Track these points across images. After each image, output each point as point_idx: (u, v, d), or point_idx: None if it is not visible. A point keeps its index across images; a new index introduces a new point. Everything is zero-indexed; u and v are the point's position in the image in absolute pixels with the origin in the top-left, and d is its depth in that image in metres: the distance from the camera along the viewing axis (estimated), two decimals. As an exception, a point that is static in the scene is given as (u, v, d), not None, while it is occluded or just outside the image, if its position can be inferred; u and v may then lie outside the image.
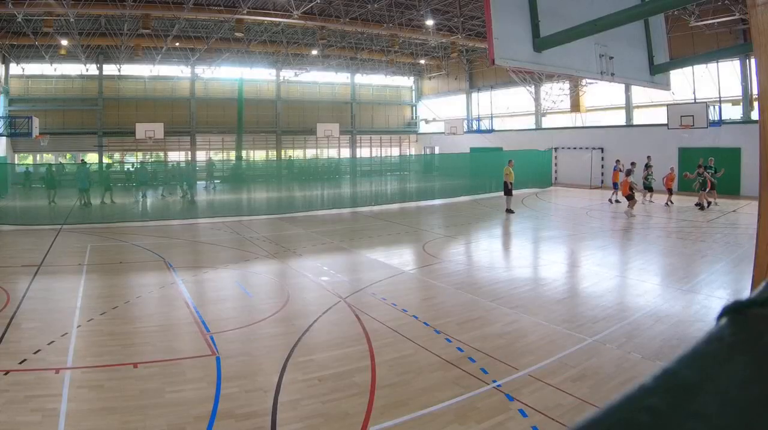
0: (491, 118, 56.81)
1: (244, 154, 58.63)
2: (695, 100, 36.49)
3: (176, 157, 58.29)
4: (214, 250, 20.83)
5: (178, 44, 50.22)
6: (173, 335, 11.48)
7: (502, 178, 30.76)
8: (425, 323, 11.92)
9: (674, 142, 38.15)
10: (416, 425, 7.63)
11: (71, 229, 25.52)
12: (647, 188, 32.12)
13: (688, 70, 36.10)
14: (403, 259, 19.33)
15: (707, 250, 19.70)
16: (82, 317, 12.33)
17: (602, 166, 44.44)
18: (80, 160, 47.89)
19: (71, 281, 15.90)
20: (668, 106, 37.06)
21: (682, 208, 29.71)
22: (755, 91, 18.64)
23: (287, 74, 61.29)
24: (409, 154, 68.06)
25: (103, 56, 54.25)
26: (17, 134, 43.14)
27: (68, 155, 54.84)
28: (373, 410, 8.02)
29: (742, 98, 36.10)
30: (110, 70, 55.70)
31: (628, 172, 27.57)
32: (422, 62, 60.62)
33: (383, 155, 66.40)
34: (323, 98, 65.61)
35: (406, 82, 70.33)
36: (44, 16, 36.23)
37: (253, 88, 60.59)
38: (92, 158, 53.84)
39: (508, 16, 7.42)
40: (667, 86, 10.73)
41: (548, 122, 52.12)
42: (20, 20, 36.03)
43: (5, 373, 9.15)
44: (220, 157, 59.69)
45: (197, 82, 59.32)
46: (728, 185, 31.57)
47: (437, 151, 63.04)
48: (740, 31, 33.74)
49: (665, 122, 37.39)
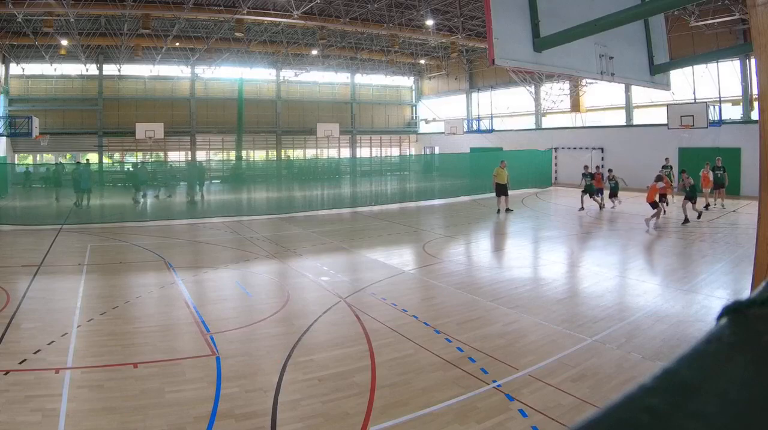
0: (491, 118, 56.81)
1: (244, 154, 58.63)
2: (695, 100, 36.44)
3: (176, 157, 58.44)
4: (214, 250, 20.83)
5: (178, 44, 50.30)
6: (173, 335, 11.48)
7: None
8: (425, 323, 11.93)
9: (674, 142, 38.09)
10: (416, 425, 7.64)
11: (71, 229, 25.52)
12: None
13: (688, 70, 36.09)
14: (403, 259, 19.31)
15: (707, 250, 19.70)
16: (82, 317, 12.33)
17: (602, 166, 43.98)
18: (81, 160, 47.95)
19: (71, 281, 15.90)
20: (668, 106, 37.06)
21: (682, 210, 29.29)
22: (755, 91, 18.63)
23: (287, 74, 61.26)
24: (409, 154, 68.02)
25: (103, 56, 54.24)
26: (17, 134, 43.08)
27: (68, 155, 54.80)
28: (373, 410, 8.03)
29: (742, 98, 36.09)
30: (110, 70, 55.69)
31: (658, 177, 24.64)
32: (422, 62, 60.71)
33: (383, 155, 66.47)
34: (323, 98, 65.54)
35: (406, 82, 70.30)
36: (44, 16, 36.25)
37: (253, 88, 60.52)
38: (92, 158, 53.90)
39: (508, 16, 7.43)
40: (667, 86, 10.73)
41: (548, 122, 52.21)
42: (20, 20, 36.05)
43: (5, 373, 9.15)
44: (220, 157, 59.87)
45: (197, 82, 59.29)
46: (728, 185, 31.37)
47: (437, 151, 62.99)
48: (740, 31, 33.80)
49: (665, 122, 37.41)
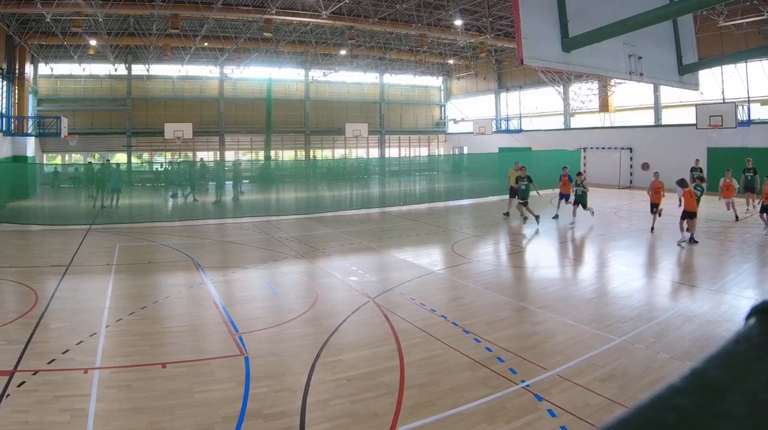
0: (520, 118, 56.87)
1: (272, 154, 58.64)
2: (724, 100, 36.24)
3: (205, 157, 58.54)
4: (242, 250, 20.86)
5: (206, 44, 50.50)
6: (202, 335, 11.53)
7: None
8: (454, 323, 11.92)
9: (703, 142, 37.76)
10: (445, 425, 7.63)
11: (99, 229, 25.68)
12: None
13: (716, 70, 35.79)
14: (431, 259, 19.30)
15: (736, 250, 19.62)
16: (110, 317, 12.40)
17: (631, 166, 44.32)
18: (110, 160, 48.23)
19: (100, 281, 15.97)
20: (697, 106, 36.82)
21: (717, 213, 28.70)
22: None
23: (316, 74, 61.42)
24: (437, 154, 67.96)
25: (131, 56, 54.61)
26: (46, 134, 43.55)
27: (97, 155, 55.11)
28: (401, 410, 8.03)
29: (771, 98, 35.70)
30: (139, 70, 56.04)
31: (683, 182, 20.76)
32: (451, 62, 60.32)
33: (412, 155, 66.33)
34: (352, 98, 65.55)
35: (434, 82, 70.06)
36: (73, 16, 36.50)
37: (281, 88, 60.61)
38: (120, 158, 54.20)
39: (536, 15, 7.39)
40: (695, 86, 10.64)
41: (577, 122, 51.99)
42: (49, 20, 36.33)
43: (34, 373, 9.21)
44: (248, 157, 59.99)
45: (226, 82, 59.51)
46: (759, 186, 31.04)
47: (466, 151, 62.78)
48: (769, 31, 33.46)
49: (694, 122, 37.17)
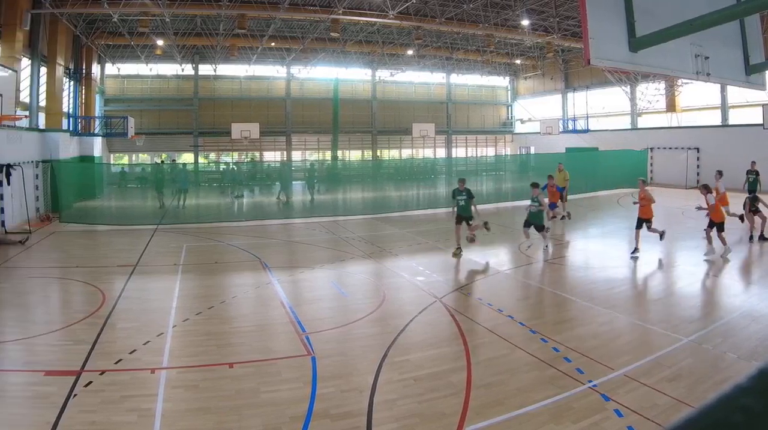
0: (587, 118, 56.33)
1: (339, 154, 58.78)
2: (791, 100, 35.47)
3: (272, 157, 59.37)
4: (309, 250, 20.97)
5: (273, 44, 51.01)
6: (269, 335, 11.66)
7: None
8: (521, 323, 11.96)
9: (771, 142, 37.01)
10: (512, 425, 7.65)
11: (166, 229, 26.07)
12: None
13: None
14: (498, 259, 19.27)
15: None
16: (177, 317, 12.62)
17: (698, 166, 43.55)
18: (173, 160, 48.95)
19: (167, 281, 16.26)
20: (764, 106, 36.20)
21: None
22: None
23: (383, 74, 61.68)
24: (504, 154, 67.55)
25: (198, 56, 55.58)
26: (113, 134, 44.29)
27: (164, 155, 55.88)
28: (468, 410, 8.03)
29: (841, 98, 34.88)
30: (206, 70, 56.94)
31: (705, 188, 18.69)
32: (518, 62, 60.00)
33: (478, 155, 65.97)
34: (419, 98, 65.51)
35: (501, 82, 69.77)
36: (140, 16, 37.21)
37: (348, 88, 60.81)
38: (187, 158, 54.88)
39: (603, 15, 7.34)
40: (762, 86, 10.47)
41: (644, 122, 51.42)
42: (116, 20, 36.93)
43: (101, 373, 9.37)
44: (315, 157, 60.39)
45: (293, 82, 60.05)
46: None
47: (533, 151, 62.40)
48: (840, 29, 32.68)
49: (761, 122, 36.47)
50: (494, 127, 69.69)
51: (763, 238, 20.73)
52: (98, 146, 44.05)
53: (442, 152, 67.02)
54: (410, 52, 53.75)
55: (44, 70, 34.32)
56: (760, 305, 12.83)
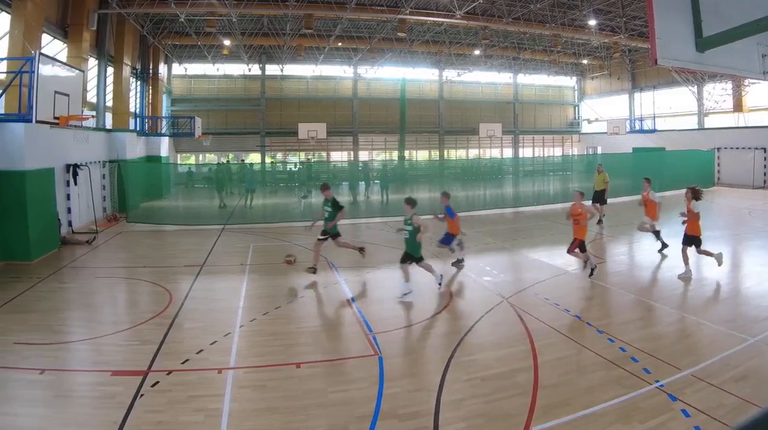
0: (653, 118, 56.06)
1: (406, 154, 59.09)
2: None
3: (338, 157, 59.88)
4: (376, 249, 20.91)
5: (340, 44, 51.39)
6: (336, 335, 11.79)
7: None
8: (588, 323, 11.94)
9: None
10: (579, 425, 7.65)
11: (233, 229, 26.33)
12: None
13: None
14: (565, 259, 18.75)
15: None
16: (244, 317, 12.73)
17: (765, 166, 42.95)
18: (241, 160, 49.42)
19: (234, 281, 16.43)
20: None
21: None
22: None
23: (450, 74, 61.63)
24: (571, 154, 67.32)
25: (265, 56, 56.41)
26: (180, 134, 45.14)
27: (230, 155, 56.60)
28: (535, 410, 8.03)
29: None
30: (273, 70, 57.71)
31: (695, 192, 16.20)
32: (585, 62, 59.76)
33: (545, 155, 65.75)
34: (486, 98, 65.47)
35: (568, 82, 69.50)
36: (207, 16, 37.70)
37: (415, 88, 61.07)
38: (254, 158, 55.44)
39: (670, 15, 7.28)
40: (830, 88, 10.30)
41: (710, 122, 50.86)
42: (182, 20, 37.61)
43: (168, 373, 9.51)
44: (382, 157, 60.60)
45: (360, 81, 60.47)
46: None
47: (600, 151, 61.90)
48: None
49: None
50: (561, 127, 69.43)
51: None
52: (165, 146, 44.64)
53: (508, 152, 66.87)
54: (477, 52, 53.59)
55: (111, 70, 35.08)
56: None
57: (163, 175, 39.66)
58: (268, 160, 57.76)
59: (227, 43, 47.24)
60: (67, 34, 28.04)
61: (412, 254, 14.74)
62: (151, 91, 45.50)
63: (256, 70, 57.57)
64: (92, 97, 32.76)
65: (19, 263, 18.28)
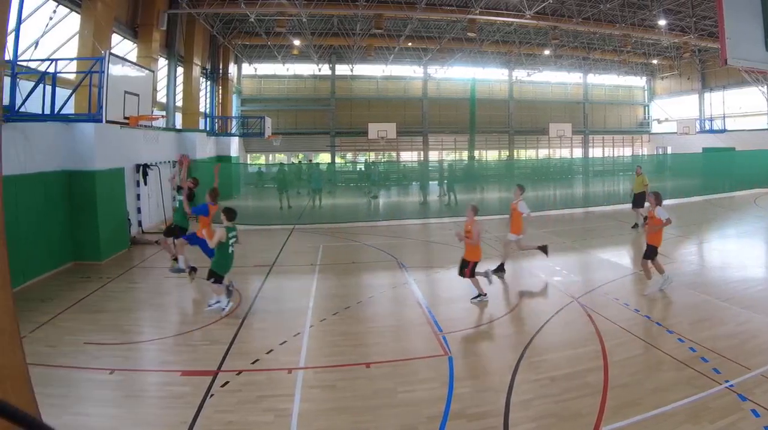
0: (723, 118, 55.52)
1: (476, 154, 59.05)
2: None
3: (408, 157, 60.14)
4: (446, 250, 20.87)
5: (410, 44, 51.36)
6: (405, 335, 11.78)
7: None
8: (657, 323, 11.90)
9: None
10: (648, 426, 7.61)
11: (303, 229, 26.49)
12: None
13: None
14: (635, 259, 18.87)
15: None
16: (314, 317, 12.81)
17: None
18: (309, 160, 49.77)
19: (303, 281, 16.53)
20: None
21: None
22: None
23: (519, 74, 61.49)
24: (641, 154, 66.52)
25: (335, 56, 56.71)
26: (249, 134, 45.50)
27: (300, 156, 57.22)
28: (605, 410, 8.01)
29: None
30: (342, 70, 58.02)
31: (657, 197, 14.66)
32: (654, 62, 59.01)
33: (615, 155, 65.18)
34: (555, 98, 65.05)
35: (638, 82, 68.65)
36: (276, 16, 37.98)
37: (485, 88, 60.85)
38: (324, 158, 55.84)
39: (740, 16, 7.25)
40: None
41: (781, 122, 49.94)
42: (252, 20, 37.85)
43: (238, 373, 9.63)
44: (452, 157, 60.71)
45: (429, 82, 60.44)
46: None
47: (669, 151, 61.56)
48: None
49: None
50: (631, 127, 68.63)
51: None
52: (235, 146, 45.07)
53: (578, 152, 66.55)
54: (547, 52, 53.21)
55: (181, 70, 35.67)
56: None
57: (233, 175, 39.92)
58: (338, 160, 58.17)
59: (297, 43, 47.57)
60: (136, 34, 28.48)
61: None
62: (220, 91, 46.12)
63: (325, 70, 57.96)
64: (162, 97, 33.26)
65: (89, 263, 18.61)
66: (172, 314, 13.57)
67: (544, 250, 17.38)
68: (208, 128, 39.97)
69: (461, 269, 14.21)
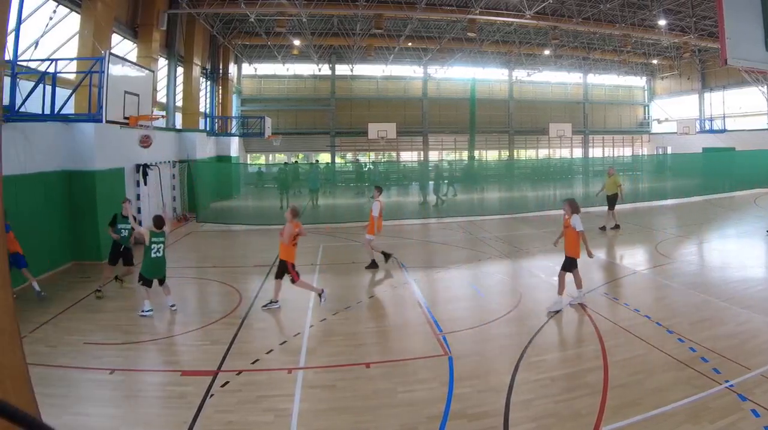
0: (723, 118, 55.55)
1: (476, 154, 59.08)
2: None
3: (408, 157, 60.20)
4: (446, 250, 21.00)
5: (410, 44, 51.35)
6: (405, 335, 11.80)
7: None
8: (657, 323, 11.86)
9: None
10: (648, 426, 7.64)
11: (303, 229, 26.23)
12: None
13: None
14: (635, 259, 19.06)
15: None
16: (314, 317, 12.83)
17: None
18: (314, 160, 49.75)
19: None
20: None
21: None
22: None
23: (519, 74, 61.51)
24: (641, 154, 66.43)
25: (335, 56, 56.68)
26: (249, 134, 45.45)
27: (300, 155, 57.17)
28: (605, 410, 8.02)
29: None
30: (342, 70, 57.98)
31: (572, 205, 14.14)
32: (654, 62, 59.07)
33: (615, 155, 65.14)
34: (555, 98, 65.05)
35: (638, 82, 68.68)
36: (276, 16, 37.95)
37: (485, 88, 60.85)
38: (324, 158, 55.81)
39: (740, 16, 7.28)
40: None
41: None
42: (252, 20, 37.82)
43: (238, 373, 9.66)
44: (452, 157, 60.73)
45: (429, 81, 60.42)
46: None
47: (669, 151, 61.63)
48: None
49: None
50: (631, 127, 68.66)
51: None
52: (235, 146, 45.12)
53: (578, 152, 66.58)
54: (547, 52, 53.26)
55: (181, 70, 35.69)
56: None
57: (233, 175, 40.22)
58: (338, 160, 58.25)
59: (297, 43, 47.57)
60: (136, 34, 28.48)
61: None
62: (220, 91, 46.13)
63: (326, 70, 58.00)
64: (162, 97, 33.26)
65: (89, 263, 18.65)
66: (172, 314, 13.46)
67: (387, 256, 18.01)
68: (208, 128, 39.92)
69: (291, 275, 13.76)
